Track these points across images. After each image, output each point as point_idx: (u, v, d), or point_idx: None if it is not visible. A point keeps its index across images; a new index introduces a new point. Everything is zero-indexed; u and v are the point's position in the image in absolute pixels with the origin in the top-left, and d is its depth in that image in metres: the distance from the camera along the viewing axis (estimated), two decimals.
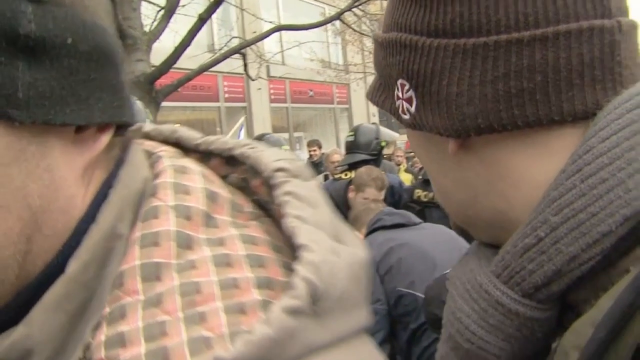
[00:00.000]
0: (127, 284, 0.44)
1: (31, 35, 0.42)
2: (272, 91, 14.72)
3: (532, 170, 0.59)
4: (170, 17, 5.41)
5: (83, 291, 0.45)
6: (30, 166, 0.44)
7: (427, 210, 4.64)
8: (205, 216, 0.49)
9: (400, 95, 0.63)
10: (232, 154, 0.55)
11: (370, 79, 18.28)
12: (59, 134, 0.45)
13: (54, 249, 0.46)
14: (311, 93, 16.63)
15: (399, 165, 8.85)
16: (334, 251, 0.46)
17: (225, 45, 7.34)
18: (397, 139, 6.76)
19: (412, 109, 0.62)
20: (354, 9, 7.70)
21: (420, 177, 5.15)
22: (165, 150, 0.56)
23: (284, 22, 9.64)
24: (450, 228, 0.74)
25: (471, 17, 0.57)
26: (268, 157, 0.53)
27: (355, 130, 4.77)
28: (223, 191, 0.52)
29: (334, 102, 18.02)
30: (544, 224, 0.55)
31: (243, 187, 0.55)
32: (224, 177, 0.56)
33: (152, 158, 0.54)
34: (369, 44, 15.49)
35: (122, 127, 0.52)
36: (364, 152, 4.57)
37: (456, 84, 0.58)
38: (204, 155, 0.58)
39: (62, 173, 0.46)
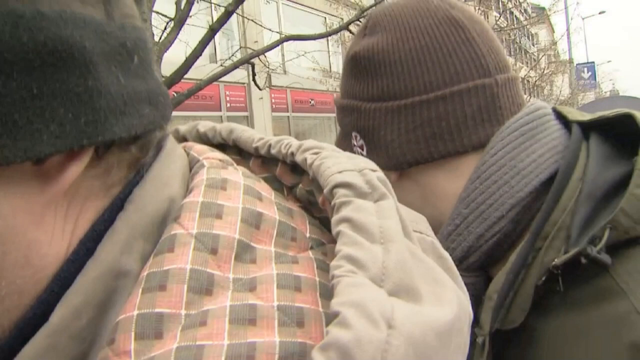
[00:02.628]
0: (118, 341, 0.34)
1: None
2: (273, 100, 14.73)
3: (451, 186, 0.81)
4: (180, 28, 5.39)
5: (74, 344, 0.36)
6: None
7: None
8: (240, 247, 0.38)
9: (355, 143, 0.86)
10: (294, 160, 0.45)
11: None
12: (1, 174, 0.35)
13: (23, 307, 0.37)
14: (312, 102, 16.65)
15: None
16: (386, 321, 0.32)
17: (233, 55, 7.32)
18: None
19: (364, 153, 0.85)
20: (361, 19, 7.70)
21: None
22: (210, 158, 0.45)
23: (284, 31, 9.63)
24: None
25: (393, 86, 0.81)
26: (331, 167, 0.42)
27: None
28: (272, 211, 0.42)
29: (334, 110, 18.03)
30: (458, 215, 0.78)
31: (312, 202, 0.45)
32: (291, 188, 0.47)
33: (194, 168, 0.45)
34: None
35: (122, 141, 0.40)
36: None
37: (390, 134, 0.81)
38: (269, 160, 0.48)
39: (11, 220, 0.36)
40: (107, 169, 0.40)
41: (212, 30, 5.52)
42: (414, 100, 0.80)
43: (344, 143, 0.88)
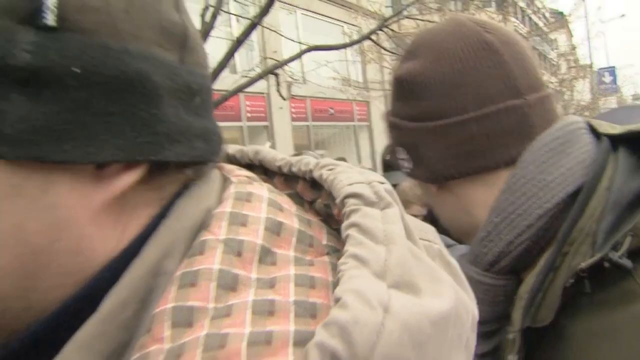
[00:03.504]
0: (155, 329, 0.39)
1: (25, 66, 0.39)
2: (293, 110, 14.80)
3: (485, 197, 0.88)
4: (205, 40, 5.48)
5: (120, 332, 0.41)
6: (27, 203, 0.41)
7: None
8: (262, 252, 0.43)
9: (401, 157, 0.96)
10: (313, 177, 0.50)
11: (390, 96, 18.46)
12: (67, 170, 0.42)
13: (72, 286, 0.43)
14: (332, 111, 16.70)
15: None
16: (382, 306, 0.37)
17: (256, 66, 7.40)
18: None
19: (409, 166, 0.94)
20: (384, 29, 7.75)
21: None
22: (238, 175, 0.51)
23: (303, 40, 9.71)
24: None
25: (430, 108, 0.89)
26: (343, 180, 0.47)
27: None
28: (292, 221, 0.47)
29: (354, 119, 18.07)
30: (490, 223, 0.85)
31: (330, 214, 0.50)
32: (311, 203, 0.52)
33: (225, 184, 0.50)
34: (387, 63, 15.55)
35: (177, 165, 0.46)
36: None
37: (428, 151, 0.90)
38: (291, 178, 0.53)
39: (69, 212, 0.42)
40: (161, 185, 0.46)
41: (238, 42, 5.62)
42: (449, 122, 0.87)
43: (393, 155, 0.98)
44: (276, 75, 6.76)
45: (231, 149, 0.58)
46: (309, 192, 0.52)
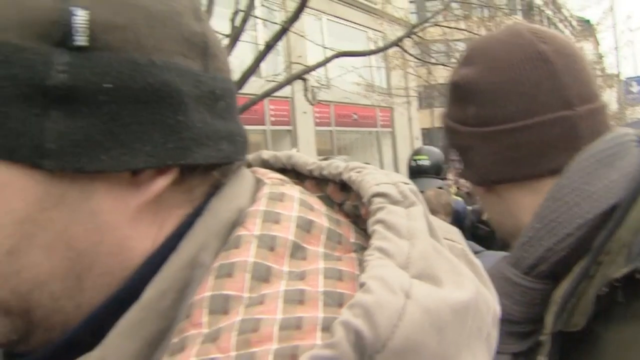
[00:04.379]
0: (194, 315, 0.42)
1: (61, 86, 0.42)
2: (317, 114, 14.83)
3: (530, 203, 0.90)
4: (234, 44, 5.54)
5: (160, 319, 0.44)
6: (71, 210, 0.45)
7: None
8: (293, 247, 0.46)
9: (454, 157, 1.00)
10: (342, 179, 0.53)
11: (414, 102, 18.29)
12: (105, 178, 0.45)
13: (114, 284, 0.47)
14: (355, 116, 16.71)
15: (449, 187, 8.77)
16: (404, 292, 0.39)
17: (283, 70, 7.44)
18: None
19: (460, 167, 0.99)
20: (411, 36, 7.75)
21: None
22: (272, 178, 0.54)
23: (328, 46, 9.74)
24: None
25: (482, 114, 0.92)
26: (370, 181, 0.49)
27: (428, 154, 4.14)
28: (322, 220, 0.49)
29: (377, 125, 18.06)
30: (531, 229, 0.87)
31: (359, 215, 0.52)
32: (341, 205, 0.54)
33: (258, 186, 0.53)
34: (411, 69, 15.50)
35: (205, 167, 0.49)
36: (437, 176, 4.07)
37: (478, 155, 0.94)
38: (321, 181, 0.56)
39: (109, 217, 0.46)
40: (191, 186, 0.49)
41: (268, 47, 5.67)
42: (499, 129, 0.91)
43: (447, 155, 1.04)
44: (304, 80, 6.80)
45: (265, 154, 0.61)
46: (339, 194, 0.54)
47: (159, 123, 0.45)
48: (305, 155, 0.58)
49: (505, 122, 0.90)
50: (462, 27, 10.56)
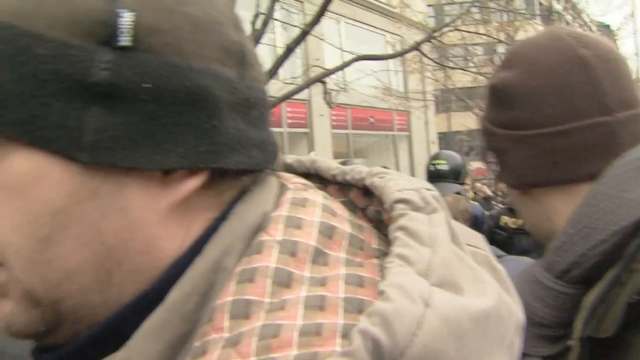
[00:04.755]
0: (215, 319, 0.43)
1: (103, 82, 0.44)
2: (333, 117, 14.84)
3: (565, 208, 0.90)
4: (255, 46, 5.55)
5: (183, 322, 0.44)
6: (104, 205, 0.46)
7: (517, 238, 4.45)
8: (315, 253, 0.46)
9: (490, 160, 1.00)
10: (364, 185, 0.53)
11: (431, 106, 18.19)
12: (137, 175, 0.46)
13: (142, 283, 0.48)
14: (372, 120, 16.69)
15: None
16: (423, 300, 0.39)
17: (303, 73, 7.46)
18: None
19: (496, 169, 0.99)
20: (431, 40, 7.74)
21: (501, 205, 4.98)
22: (295, 183, 0.55)
23: (346, 49, 9.75)
24: (539, 257, 1.02)
25: (519, 118, 0.92)
26: (392, 187, 0.50)
27: (447, 158, 4.05)
28: (344, 225, 0.50)
29: (394, 129, 18.03)
30: (564, 234, 0.87)
31: (381, 220, 0.52)
32: (364, 209, 0.54)
33: (281, 191, 0.53)
34: (429, 73, 15.46)
35: (235, 172, 0.50)
36: (456, 181, 3.96)
37: (514, 158, 0.94)
38: (344, 186, 0.56)
39: (139, 214, 0.47)
40: (220, 190, 0.50)
41: (289, 50, 5.70)
42: (536, 133, 0.91)
43: (484, 157, 1.04)
44: (324, 83, 6.82)
45: (289, 158, 0.61)
46: (362, 199, 0.54)
47: (194, 126, 0.47)
48: (329, 160, 0.59)
49: (542, 126, 0.90)
50: (481, 32, 10.52)
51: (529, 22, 14.16)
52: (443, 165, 3.97)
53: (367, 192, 0.53)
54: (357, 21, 15.68)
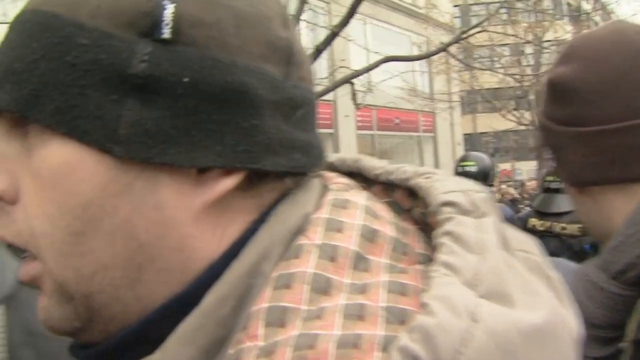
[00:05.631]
0: (250, 327, 0.41)
1: (140, 74, 0.43)
2: (359, 118, 14.82)
3: (624, 207, 0.88)
4: None
5: (218, 328, 0.43)
6: (137, 201, 0.45)
7: (544, 240, 4.41)
8: (356, 258, 0.44)
9: (547, 156, 1.00)
10: (409, 185, 0.51)
11: (457, 107, 18.15)
12: (172, 172, 0.45)
13: (175, 283, 0.46)
14: (397, 121, 16.65)
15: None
16: (470, 314, 0.37)
17: (330, 74, 7.48)
18: None
19: (554, 166, 0.98)
20: (460, 41, 7.70)
21: (528, 207, 4.93)
22: (337, 183, 0.52)
23: (372, 49, 9.74)
24: (567, 259, 1.02)
25: (577, 114, 0.90)
26: (438, 188, 0.47)
27: (476, 160, 4.01)
28: (387, 229, 0.47)
29: (419, 130, 17.96)
30: (621, 234, 0.85)
31: (427, 222, 0.49)
32: (409, 211, 0.52)
33: (323, 192, 0.51)
34: (455, 74, 15.37)
35: (277, 174, 0.48)
36: (484, 183, 3.87)
37: (572, 155, 0.92)
38: (389, 186, 0.54)
39: (172, 212, 0.46)
40: (260, 192, 0.48)
41: (318, 51, 5.71)
42: (594, 130, 0.88)
43: (541, 152, 1.04)
44: (352, 84, 6.84)
45: (332, 157, 0.59)
46: (407, 200, 0.52)
47: (232, 124, 0.45)
48: (373, 159, 0.56)
49: (601, 123, 0.88)
50: (510, 33, 10.43)
51: (557, 23, 14.00)
52: (471, 167, 3.92)
53: (413, 192, 0.51)
54: (383, 22, 15.65)
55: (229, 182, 0.46)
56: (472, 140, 22.66)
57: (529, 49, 14.93)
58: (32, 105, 0.44)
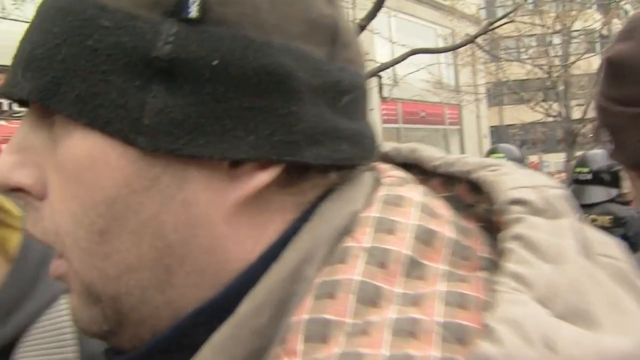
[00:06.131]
0: (289, 341, 0.37)
1: (164, 57, 0.40)
2: (384, 112, 14.75)
3: None
4: None
5: (255, 338, 0.39)
6: (163, 197, 0.42)
7: None
8: (410, 263, 0.39)
9: (604, 138, 0.95)
10: (472, 178, 0.46)
11: (483, 99, 18.01)
12: (201, 166, 0.42)
13: (207, 287, 0.43)
14: (423, 114, 16.55)
15: None
16: (544, 341, 0.32)
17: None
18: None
19: (611, 147, 0.94)
20: (488, 32, 7.64)
21: None
22: (390, 176, 0.47)
23: (397, 42, 9.69)
24: None
25: (636, 94, 0.87)
26: (507, 183, 0.42)
27: (505, 152, 3.93)
28: (446, 229, 0.42)
29: (445, 122, 17.83)
30: None
31: (493, 221, 0.44)
32: (472, 207, 0.47)
33: (375, 186, 0.46)
34: (481, 66, 15.22)
35: (321, 168, 0.43)
36: None
37: (631, 136, 0.89)
38: (449, 179, 0.49)
39: (203, 209, 0.42)
40: (302, 189, 0.44)
41: None
42: None
43: (598, 134, 0.99)
44: (379, 77, 6.83)
45: (386, 146, 0.54)
46: (469, 195, 0.47)
47: (268, 111, 0.41)
48: (431, 148, 0.51)
49: None
50: (537, 23, 10.30)
51: (586, 12, 13.77)
52: (501, 159, 3.82)
53: (476, 186, 0.46)
54: (408, 14, 15.55)
55: (264, 177, 0.42)
56: (498, 133, 22.41)
57: (557, 39, 14.71)
58: (52, 94, 0.41)
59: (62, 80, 0.41)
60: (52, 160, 0.44)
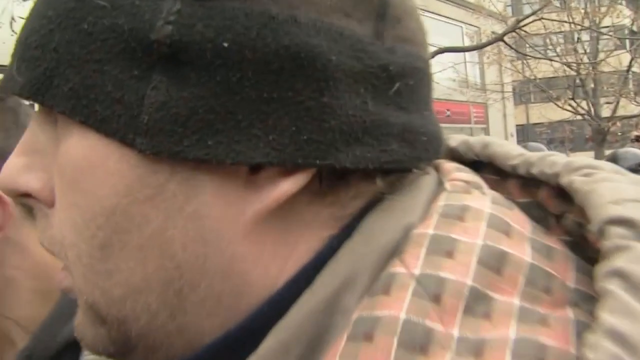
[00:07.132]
0: None
1: (165, 40, 0.32)
2: None
3: None
4: None
5: None
6: (170, 209, 0.35)
7: None
8: (472, 297, 0.31)
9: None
10: (560, 183, 0.36)
11: (510, 97, 17.85)
12: (213, 172, 0.34)
13: (226, 316, 0.36)
14: (448, 113, 16.46)
15: None
16: None
17: None
18: None
19: None
20: (515, 30, 7.59)
21: None
22: (455, 180, 0.39)
23: None
24: None
25: None
26: (605, 194, 0.33)
27: (534, 151, 4.02)
28: (522, 251, 0.33)
29: (471, 121, 17.71)
30: None
31: (587, 238, 0.35)
32: (559, 217, 0.38)
33: (437, 191, 0.38)
34: (508, 64, 15.09)
35: (364, 173, 0.35)
36: None
37: None
38: (530, 181, 0.40)
39: (216, 224, 0.35)
40: (339, 198, 0.36)
41: None
42: None
43: None
44: None
45: (453, 140, 0.45)
46: (555, 202, 0.38)
47: (293, 104, 0.33)
48: (508, 144, 0.43)
49: None
50: (565, 20, 10.19)
51: (615, 8, 13.58)
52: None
53: (564, 191, 0.37)
54: (434, 13, 15.49)
55: (289, 185, 0.34)
56: (525, 131, 22.20)
57: (585, 36, 14.53)
58: (46, 88, 0.35)
59: (54, 72, 0.35)
60: (55, 163, 0.38)
